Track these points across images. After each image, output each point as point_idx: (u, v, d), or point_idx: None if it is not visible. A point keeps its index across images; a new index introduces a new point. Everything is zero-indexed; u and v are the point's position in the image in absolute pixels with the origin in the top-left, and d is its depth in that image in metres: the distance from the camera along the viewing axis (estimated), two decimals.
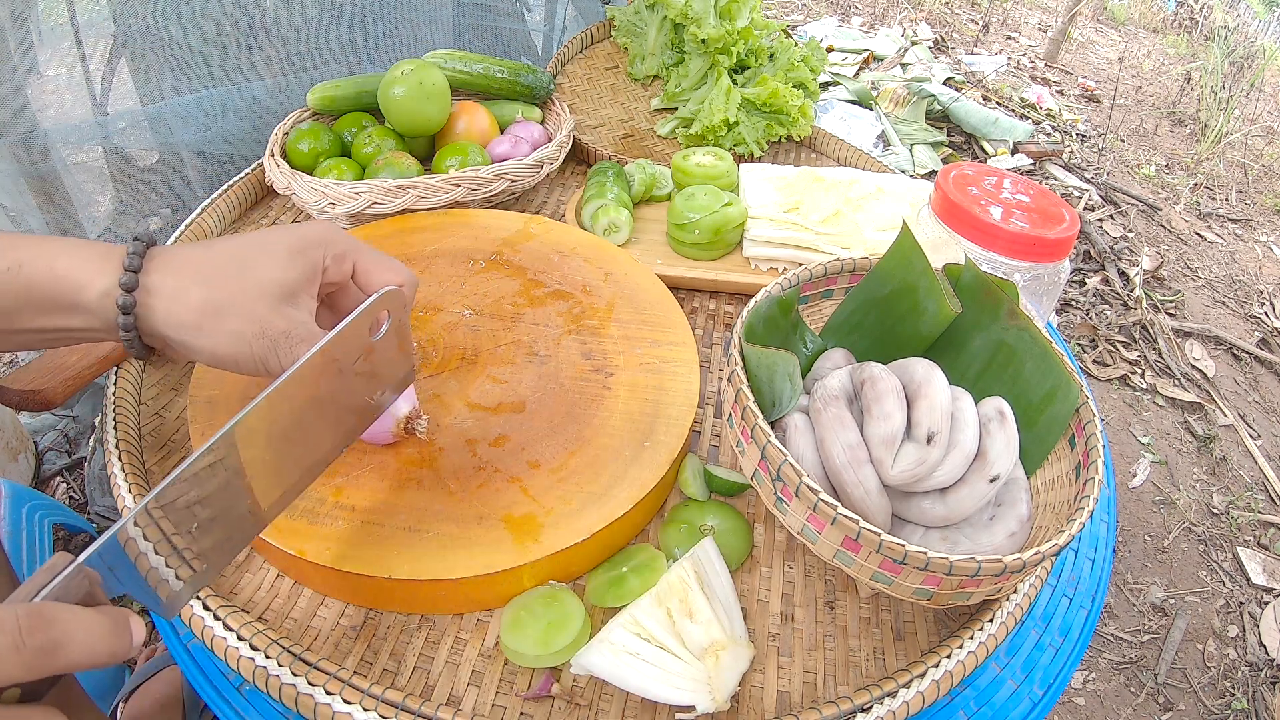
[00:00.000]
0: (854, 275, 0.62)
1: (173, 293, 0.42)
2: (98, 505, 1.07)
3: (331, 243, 0.47)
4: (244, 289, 0.43)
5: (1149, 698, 1.16)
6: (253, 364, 0.44)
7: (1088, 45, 3.61)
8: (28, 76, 0.89)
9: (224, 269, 0.44)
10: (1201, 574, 1.35)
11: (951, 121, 2.46)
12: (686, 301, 0.81)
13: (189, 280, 0.43)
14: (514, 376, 0.62)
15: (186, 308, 0.42)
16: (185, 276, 0.43)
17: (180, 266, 0.43)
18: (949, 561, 0.42)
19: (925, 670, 0.48)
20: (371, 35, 1.12)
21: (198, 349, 0.43)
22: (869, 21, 3.30)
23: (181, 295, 0.42)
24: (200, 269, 0.44)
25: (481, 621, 0.51)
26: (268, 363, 0.44)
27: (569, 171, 0.99)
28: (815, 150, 1.08)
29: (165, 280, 0.42)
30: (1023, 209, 0.64)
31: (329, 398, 0.44)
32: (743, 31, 1.03)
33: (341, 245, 0.48)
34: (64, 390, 0.59)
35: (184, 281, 0.43)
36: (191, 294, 0.43)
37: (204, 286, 0.43)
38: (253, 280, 0.44)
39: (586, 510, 0.52)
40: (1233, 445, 1.60)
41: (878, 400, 0.48)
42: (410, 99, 0.83)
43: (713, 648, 0.45)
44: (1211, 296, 2.02)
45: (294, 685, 0.44)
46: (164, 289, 0.42)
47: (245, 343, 0.43)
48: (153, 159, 1.02)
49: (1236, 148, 2.75)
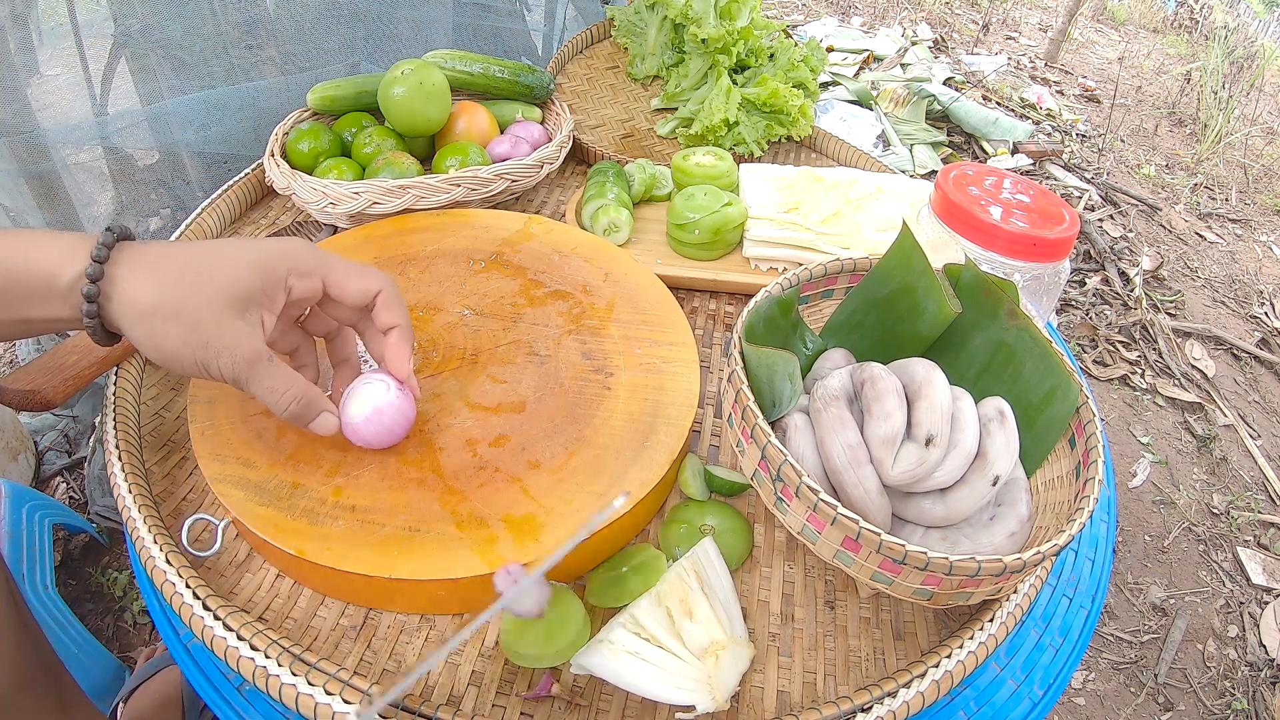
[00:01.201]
0: (854, 275, 0.62)
1: (129, 290, 0.44)
2: (98, 505, 1.07)
3: (298, 259, 0.48)
4: (195, 297, 0.44)
5: (1149, 698, 1.16)
6: (195, 368, 0.45)
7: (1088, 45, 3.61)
8: (28, 76, 0.89)
9: (181, 274, 0.44)
10: (1201, 574, 1.35)
11: (951, 121, 2.46)
12: (686, 301, 0.81)
13: (145, 280, 0.44)
14: (514, 376, 0.62)
15: (139, 307, 0.44)
16: (143, 275, 0.44)
17: (142, 264, 0.44)
18: (949, 561, 0.42)
19: (925, 670, 0.47)
20: (371, 35, 1.12)
21: (144, 346, 0.45)
22: (869, 21, 3.30)
23: (136, 293, 0.44)
24: (158, 269, 0.45)
25: None
26: (208, 369, 0.45)
27: (569, 171, 0.99)
28: (815, 150, 1.08)
29: (126, 276, 0.44)
30: (1023, 209, 0.64)
31: None
32: (743, 31, 1.03)
33: (309, 262, 0.48)
34: (64, 390, 0.59)
35: (141, 281, 0.44)
36: (145, 293, 0.44)
37: (158, 288, 0.44)
38: (207, 289, 0.44)
39: (586, 510, 0.52)
40: (1233, 445, 1.60)
41: (878, 400, 0.48)
42: (410, 99, 0.83)
43: (713, 648, 0.45)
44: (1211, 296, 2.02)
45: (294, 685, 0.44)
46: (123, 284, 0.44)
47: (189, 349, 0.44)
48: (153, 159, 1.02)
49: (1236, 148, 2.75)
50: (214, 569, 0.53)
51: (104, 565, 1.05)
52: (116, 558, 1.06)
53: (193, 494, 0.58)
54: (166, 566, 0.50)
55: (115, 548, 1.06)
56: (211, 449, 0.55)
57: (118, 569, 1.05)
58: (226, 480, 0.53)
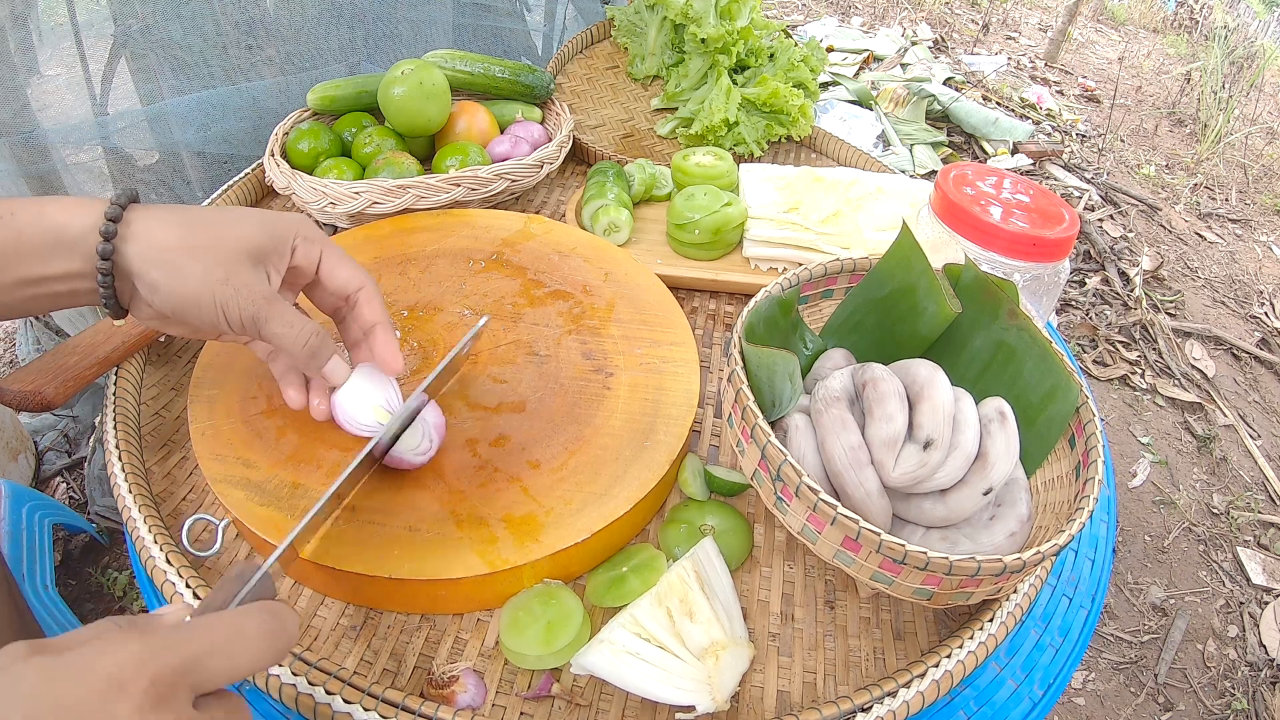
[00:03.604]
0: (854, 275, 0.62)
1: (150, 232, 0.45)
2: (98, 505, 1.07)
3: (303, 224, 0.51)
4: (217, 238, 0.46)
5: (1149, 698, 1.16)
6: (213, 309, 0.46)
7: (1088, 45, 3.61)
8: (28, 76, 0.89)
9: (201, 220, 0.47)
10: (1201, 574, 1.35)
11: (951, 121, 2.46)
12: (686, 301, 0.81)
13: (168, 223, 0.46)
14: (514, 376, 0.62)
15: (162, 243, 0.45)
16: (164, 220, 0.46)
17: (160, 213, 0.46)
18: (949, 561, 0.42)
19: (925, 670, 0.47)
20: (371, 35, 1.12)
21: (162, 287, 0.45)
22: (869, 21, 3.30)
23: (159, 233, 0.45)
24: (179, 216, 0.47)
25: (481, 621, 0.52)
26: (227, 310, 0.46)
27: (569, 171, 0.99)
28: (815, 150, 1.08)
29: (145, 220, 0.45)
30: (1023, 209, 0.64)
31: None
32: (743, 31, 1.03)
33: (312, 232, 0.51)
34: (64, 390, 0.59)
35: (163, 223, 0.46)
36: (169, 232, 0.45)
37: (181, 228, 0.46)
38: (227, 234, 0.47)
39: (586, 510, 0.52)
40: (1233, 445, 1.60)
41: (880, 402, 0.48)
42: (410, 99, 0.83)
43: (713, 648, 0.45)
44: (1211, 296, 2.02)
45: (294, 685, 0.44)
46: (142, 229, 0.45)
47: (210, 286, 0.45)
48: (153, 159, 1.02)
49: (1236, 148, 2.75)
50: (214, 569, 0.53)
51: (104, 565, 1.05)
52: (116, 558, 1.06)
53: (193, 494, 0.58)
54: (166, 566, 0.50)
55: (115, 548, 1.07)
56: (211, 449, 0.55)
57: (118, 569, 1.05)
58: (226, 480, 0.53)
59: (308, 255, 0.50)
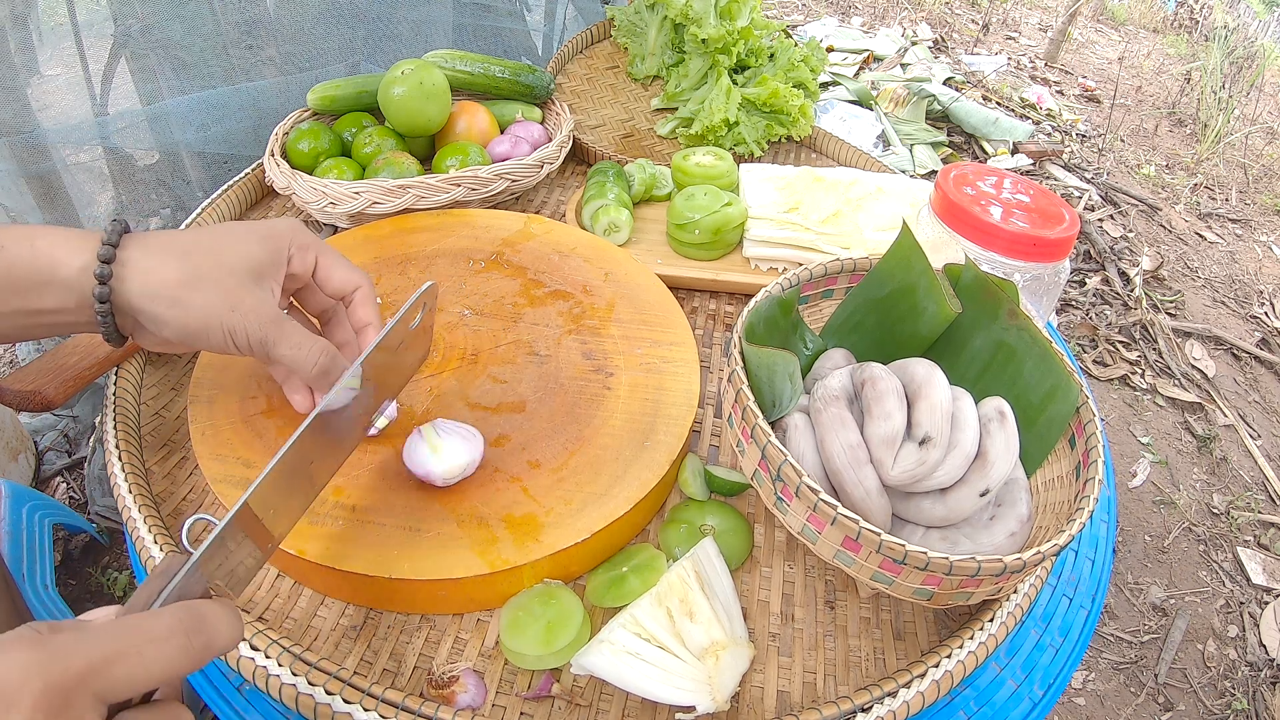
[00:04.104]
0: (854, 275, 0.62)
1: (148, 266, 0.44)
2: (98, 505, 1.07)
3: (297, 232, 0.50)
4: (217, 265, 0.46)
5: (1149, 698, 1.16)
6: (221, 337, 0.45)
7: (1088, 45, 3.61)
8: (28, 76, 0.89)
9: (197, 247, 0.46)
10: (1201, 574, 1.35)
11: (951, 121, 2.46)
12: (686, 301, 0.81)
13: (164, 255, 0.45)
14: (514, 376, 0.62)
15: (161, 279, 0.44)
16: (160, 252, 0.45)
17: (154, 246, 0.45)
18: (949, 561, 0.42)
19: (925, 670, 0.47)
20: (371, 35, 1.11)
21: (168, 320, 0.45)
22: (869, 21, 3.30)
23: (157, 268, 0.44)
24: (174, 246, 0.46)
25: (481, 621, 0.52)
26: (235, 337, 0.46)
27: (569, 171, 0.99)
28: (815, 150, 1.08)
29: (141, 256, 0.44)
30: (1023, 209, 0.64)
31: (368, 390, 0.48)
32: (743, 31, 1.03)
33: (305, 238, 0.51)
34: (64, 390, 0.59)
35: (159, 256, 0.45)
36: (167, 266, 0.45)
37: (179, 260, 0.45)
38: (226, 258, 0.46)
39: (587, 510, 0.52)
40: (1233, 445, 1.60)
41: (878, 400, 0.48)
42: (410, 99, 0.83)
43: (713, 648, 0.45)
44: (1211, 296, 2.02)
45: (294, 685, 0.44)
46: (139, 263, 0.44)
47: (218, 315, 0.45)
48: (153, 159, 1.02)
49: (1236, 148, 2.75)
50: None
51: (104, 565, 1.05)
52: (116, 558, 1.06)
53: (193, 494, 0.58)
54: None
55: (115, 548, 1.06)
56: (211, 449, 0.55)
57: (118, 569, 1.05)
58: (226, 480, 0.53)
59: (304, 262, 0.50)
